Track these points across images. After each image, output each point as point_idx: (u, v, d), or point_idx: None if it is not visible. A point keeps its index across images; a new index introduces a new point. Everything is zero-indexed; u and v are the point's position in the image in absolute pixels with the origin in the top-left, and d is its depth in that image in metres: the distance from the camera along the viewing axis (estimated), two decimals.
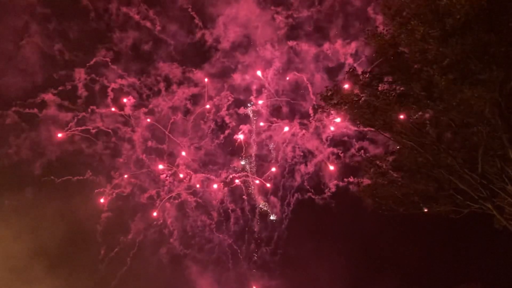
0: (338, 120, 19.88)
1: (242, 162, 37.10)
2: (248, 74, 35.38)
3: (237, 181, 35.90)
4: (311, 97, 33.31)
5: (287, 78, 34.64)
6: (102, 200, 34.21)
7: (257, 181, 36.26)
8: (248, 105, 36.21)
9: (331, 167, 32.72)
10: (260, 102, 35.15)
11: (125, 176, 34.95)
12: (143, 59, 35.65)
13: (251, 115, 36.63)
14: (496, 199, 18.21)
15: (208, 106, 35.47)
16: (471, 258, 29.93)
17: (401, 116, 18.22)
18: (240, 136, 35.76)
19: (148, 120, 35.15)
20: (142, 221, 35.53)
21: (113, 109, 34.33)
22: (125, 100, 34.81)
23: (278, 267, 36.90)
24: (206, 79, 35.40)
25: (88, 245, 35.15)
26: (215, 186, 35.81)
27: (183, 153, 35.56)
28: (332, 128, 32.51)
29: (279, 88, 35.56)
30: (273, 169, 35.60)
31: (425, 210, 20.50)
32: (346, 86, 18.45)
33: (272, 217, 37.55)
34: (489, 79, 15.59)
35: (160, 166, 35.10)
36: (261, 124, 35.53)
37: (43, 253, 33.01)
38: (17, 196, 34.10)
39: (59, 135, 33.54)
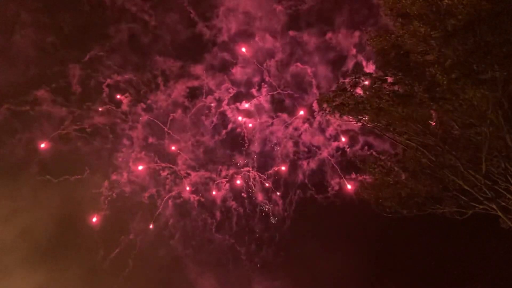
0: (367, 119, 20.31)
1: (245, 160, 37.77)
2: (249, 68, 36.10)
3: (238, 182, 36.63)
4: (314, 91, 34.11)
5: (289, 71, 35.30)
6: (94, 219, 34.92)
7: (260, 180, 36.98)
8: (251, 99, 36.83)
9: (349, 186, 33.25)
10: (246, 105, 35.77)
11: (124, 174, 35.84)
12: (139, 53, 36.32)
13: (253, 109, 37.27)
14: (500, 200, 18.88)
15: (213, 105, 36.14)
16: (476, 259, 30.68)
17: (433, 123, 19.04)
18: (239, 118, 36.25)
19: (140, 118, 35.83)
20: (142, 221, 36.48)
21: (108, 106, 35.02)
22: (118, 96, 35.54)
23: (281, 267, 37.80)
24: (205, 71, 36.07)
25: (87, 246, 36.08)
26: (215, 188, 36.54)
27: (173, 148, 36.11)
28: (343, 139, 33.41)
29: (281, 81, 36.27)
30: (283, 168, 36.22)
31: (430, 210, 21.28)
32: (348, 86, 19.26)
33: (273, 221, 38.43)
34: (491, 79, 16.43)
35: (140, 167, 35.65)
36: (251, 124, 36.14)
37: (42, 252, 34.16)
38: (12, 197, 34.97)
39: (42, 145, 34.01)
